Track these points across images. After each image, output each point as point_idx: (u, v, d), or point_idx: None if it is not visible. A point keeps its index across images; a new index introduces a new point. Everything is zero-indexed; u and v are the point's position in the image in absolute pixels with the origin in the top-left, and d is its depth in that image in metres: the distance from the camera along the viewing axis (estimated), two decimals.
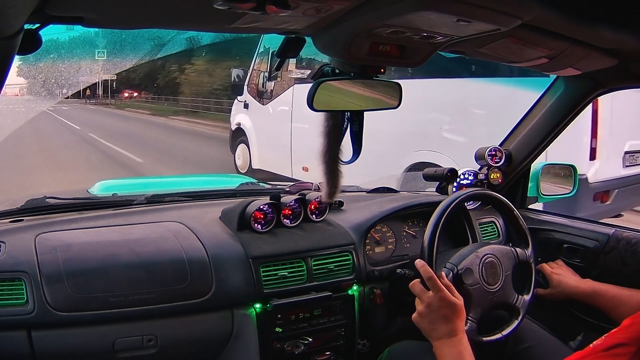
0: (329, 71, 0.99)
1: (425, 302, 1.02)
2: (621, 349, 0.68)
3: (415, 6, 0.74)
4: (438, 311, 1.00)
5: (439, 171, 1.61)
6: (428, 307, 1.01)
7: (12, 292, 1.04)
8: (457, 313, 1.00)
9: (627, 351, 0.67)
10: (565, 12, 0.83)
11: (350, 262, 1.31)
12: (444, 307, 1.00)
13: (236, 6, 0.66)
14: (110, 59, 7.38)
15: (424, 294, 1.03)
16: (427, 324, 1.01)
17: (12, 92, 8.65)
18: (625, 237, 1.39)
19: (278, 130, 5.27)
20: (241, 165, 5.96)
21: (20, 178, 5.64)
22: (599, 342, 0.72)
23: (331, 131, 1.06)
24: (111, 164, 7.48)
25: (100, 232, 1.21)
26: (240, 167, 5.95)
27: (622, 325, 0.72)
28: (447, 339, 0.98)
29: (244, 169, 5.86)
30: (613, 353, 0.68)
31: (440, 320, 1.00)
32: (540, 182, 1.67)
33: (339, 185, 1.13)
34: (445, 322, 0.99)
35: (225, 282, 1.18)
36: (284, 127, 5.15)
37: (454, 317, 1.00)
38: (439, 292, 1.01)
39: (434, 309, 1.01)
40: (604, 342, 0.71)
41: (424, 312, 1.02)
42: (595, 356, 0.70)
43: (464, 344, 0.98)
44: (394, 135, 3.74)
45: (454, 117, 3.84)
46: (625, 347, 0.68)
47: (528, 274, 1.26)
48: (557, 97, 1.47)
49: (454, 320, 0.99)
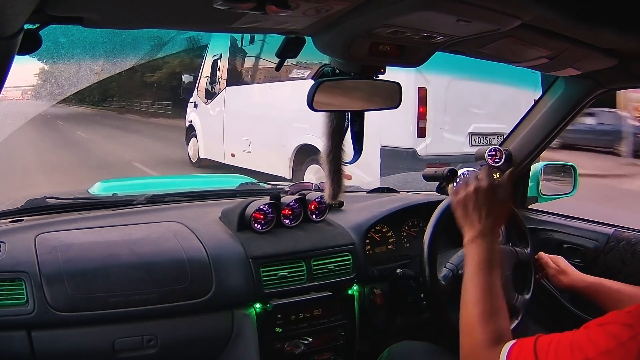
0: (329, 71, 0.98)
1: (467, 189, 0.93)
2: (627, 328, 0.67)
3: (415, 6, 0.74)
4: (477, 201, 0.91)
5: (439, 171, 1.61)
6: (469, 195, 0.92)
7: (12, 292, 1.04)
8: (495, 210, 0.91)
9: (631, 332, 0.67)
10: (565, 12, 0.83)
11: (350, 262, 1.31)
12: (484, 199, 0.91)
13: (236, 6, 0.66)
14: (111, 59, 7.37)
15: (472, 181, 0.93)
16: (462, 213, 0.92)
17: (14, 95, 8.61)
18: (625, 237, 1.40)
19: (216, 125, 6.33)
20: (192, 155, 7.09)
21: (20, 177, 5.65)
22: (605, 316, 0.71)
23: (335, 132, 1.06)
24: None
25: (100, 232, 1.21)
26: (192, 157, 7.10)
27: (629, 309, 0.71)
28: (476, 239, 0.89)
29: (194, 158, 7.02)
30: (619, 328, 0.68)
31: (477, 212, 0.91)
32: (540, 182, 1.67)
33: (343, 185, 1.12)
34: (480, 216, 0.90)
35: (225, 282, 1.18)
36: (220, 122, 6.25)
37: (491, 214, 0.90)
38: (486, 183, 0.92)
39: (474, 199, 0.91)
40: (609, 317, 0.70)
41: (462, 200, 0.93)
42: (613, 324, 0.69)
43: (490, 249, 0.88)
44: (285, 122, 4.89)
45: None
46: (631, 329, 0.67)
47: (528, 274, 1.26)
48: (557, 97, 1.47)
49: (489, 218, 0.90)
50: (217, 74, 6.52)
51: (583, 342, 0.69)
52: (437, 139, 4.25)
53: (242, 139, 5.74)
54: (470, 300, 0.86)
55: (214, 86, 6.56)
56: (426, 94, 4.12)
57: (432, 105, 4.16)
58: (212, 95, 6.56)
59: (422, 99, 4.12)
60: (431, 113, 4.17)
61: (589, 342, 0.69)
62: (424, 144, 4.19)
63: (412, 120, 4.13)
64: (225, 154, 6.15)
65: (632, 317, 0.69)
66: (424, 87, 4.11)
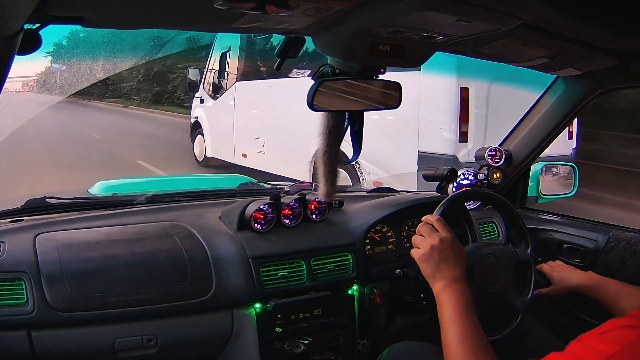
0: (329, 71, 0.98)
1: (431, 242, 1.01)
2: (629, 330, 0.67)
3: (415, 6, 0.74)
4: (445, 252, 1.00)
5: (439, 171, 1.61)
6: (435, 247, 1.00)
7: (12, 292, 1.04)
8: (461, 258, 1.01)
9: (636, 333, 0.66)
10: (565, 12, 0.83)
11: (350, 262, 1.31)
12: (450, 249, 1.00)
13: (236, 6, 0.66)
14: (111, 58, 7.38)
15: (432, 234, 1.02)
16: (432, 265, 1.00)
17: (14, 87, 8.58)
18: (625, 237, 1.40)
19: (225, 122, 5.96)
20: (198, 154, 6.76)
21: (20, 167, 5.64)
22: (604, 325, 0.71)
23: (331, 131, 1.06)
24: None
25: (100, 232, 1.21)
26: (198, 156, 6.76)
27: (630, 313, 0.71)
28: (450, 286, 0.96)
29: (200, 157, 6.69)
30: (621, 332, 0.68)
31: (446, 262, 0.99)
32: (540, 182, 1.67)
33: (337, 184, 1.13)
34: (450, 265, 0.99)
35: (225, 282, 1.18)
36: (229, 120, 5.88)
37: (459, 262, 1.00)
38: (447, 234, 1.02)
39: (441, 250, 1.00)
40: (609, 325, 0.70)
41: (429, 253, 1.00)
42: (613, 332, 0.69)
43: (466, 293, 0.96)
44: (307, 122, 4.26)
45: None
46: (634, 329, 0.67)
47: (528, 274, 1.26)
48: (557, 97, 1.47)
49: (458, 266, 0.99)
50: (226, 68, 6.15)
51: (583, 353, 0.69)
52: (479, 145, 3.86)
53: (255, 139, 5.37)
54: (455, 339, 0.91)
55: (222, 81, 6.21)
56: (469, 95, 3.75)
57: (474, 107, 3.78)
58: (220, 90, 6.22)
59: (464, 101, 3.74)
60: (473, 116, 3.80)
61: (591, 351, 0.68)
62: (465, 150, 3.79)
63: (453, 123, 3.77)
64: (235, 154, 5.81)
65: (634, 319, 0.69)
66: (467, 87, 3.74)
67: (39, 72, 9.29)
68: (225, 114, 5.99)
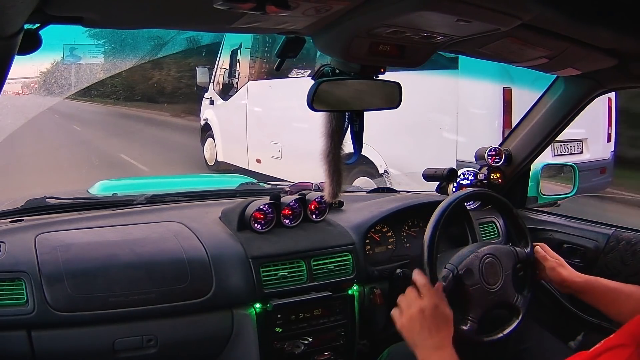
0: (329, 71, 0.98)
1: (410, 313, 0.97)
2: (620, 349, 0.68)
3: (415, 6, 0.74)
4: (426, 320, 0.95)
5: (439, 171, 1.61)
6: (414, 318, 0.96)
7: (12, 292, 1.04)
8: (448, 324, 0.97)
9: (626, 352, 0.67)
10: (565, 12, 0.83)
11: (350, 262, 1.31)
12: (432, 317, 0.96)
13: (236, 6, 0.66)
14: (110, 58, 7.39)
15: (414, 302, 0.98)
16: (416, 332, 0.96)
17: (13, 89, 8.56)
18: (625, 237, 1.40)
19: (237, 125, 5.55)
20: (209, 158, 6.31)
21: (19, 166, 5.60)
22: (598, 346, 0.71)
23: (334, 132, 1.06)
24: None
25: (100, 232, 1.21)
26: (208, 160, 6.32)
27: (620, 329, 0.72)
28: (436, 352, 0.93)
29: (211, 161, 6.23)
30: (612, 354, 0.68)
31: (431, 329, 0.95)
32: (540, 182, 1.67)
33: (342, 184, 1.13)
34: (436, 332, 0.94)
35: (225, 282, 1.18)
36: (241, 122, 5.45)
37: (444, 329, 0.95)
38: (431, 301, 0.97)
39: (422, 319, 0.95)
40: (602, 346, 0.70)
41: (407, 322, 0.97)
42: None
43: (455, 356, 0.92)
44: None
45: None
46: (624, 348, 0.67)
47: (528, 274, 1.26)
48: (557, 97, 1.47)
49: (443, 332, 0.95)
50: (237, 66, 5.69)
51: None
52: None
53: (270, 143, 4.95)
54: None
55: (233, 80, 5.76)
56: (512, 97, 3.42)
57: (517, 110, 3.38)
58: (231, 91, 5.78)
59: (507, 103, 3.41)
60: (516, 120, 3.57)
61: None
62: None
63: (496, 128, 3.43)
64: (249, 159, 5.37)
65: (622, 337, 0.69)
66: (509, 87, 3.41)
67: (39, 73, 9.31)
68: (237, 115, 5.58)
